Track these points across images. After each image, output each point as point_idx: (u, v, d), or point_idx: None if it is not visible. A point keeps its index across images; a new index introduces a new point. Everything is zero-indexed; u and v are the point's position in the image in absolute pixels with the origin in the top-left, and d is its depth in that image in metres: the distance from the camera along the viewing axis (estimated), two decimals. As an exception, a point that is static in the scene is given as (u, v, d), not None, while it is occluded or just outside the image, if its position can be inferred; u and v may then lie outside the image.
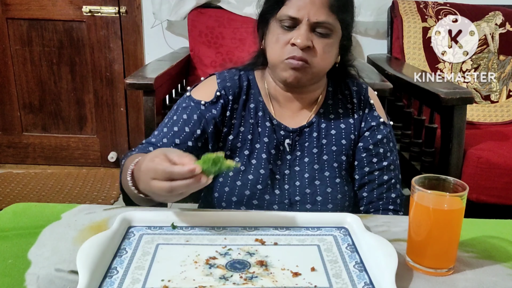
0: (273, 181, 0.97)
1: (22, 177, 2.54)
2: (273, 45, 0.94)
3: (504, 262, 0.70)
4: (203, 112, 0.98)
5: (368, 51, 2.44)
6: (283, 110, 1.01)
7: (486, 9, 2.18)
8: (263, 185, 0.96)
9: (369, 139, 1.00)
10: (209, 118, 0.98)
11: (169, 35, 2.47)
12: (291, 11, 0.91)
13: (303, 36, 0.89)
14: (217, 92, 0.99)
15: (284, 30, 0.92)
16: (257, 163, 0.97)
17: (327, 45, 0.93)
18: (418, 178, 0.69)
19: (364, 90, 1.03)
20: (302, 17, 0.90)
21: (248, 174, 0.97)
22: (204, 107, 0.98)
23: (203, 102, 0.98)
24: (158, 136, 0.98)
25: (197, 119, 0.97)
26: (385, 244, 0.69)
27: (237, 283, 0.62)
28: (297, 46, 0.90)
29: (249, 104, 1.01)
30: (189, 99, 1.00)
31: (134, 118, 2.64)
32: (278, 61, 0.93)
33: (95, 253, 0.65)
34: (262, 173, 0.97)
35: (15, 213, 0.81)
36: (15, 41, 2.51)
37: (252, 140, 0.99)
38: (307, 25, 0.90)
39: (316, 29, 0.91)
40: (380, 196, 0.99)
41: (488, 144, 1.67)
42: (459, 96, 1.48)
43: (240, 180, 0.96)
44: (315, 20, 0.90)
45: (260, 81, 1.03)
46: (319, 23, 0.90)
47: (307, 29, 0.90)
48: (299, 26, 0.91)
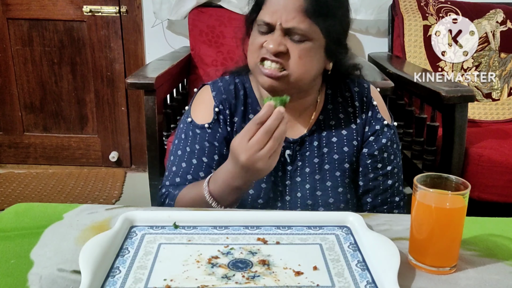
0: (275, 194, 0.96)
1: (23, 177, 2.55)
2: (249, 49, 0.93)
3: (506, 260, 0.70)
4: (211, 136, 0.96)
5: (369, 49, 2.44)
6: None
7: (487, 7, 2.18)
8: (264, 199, 0.95)
9: (374, 145, 0.97)
10: (220, 139, 0.96)
11: (170, 35, 2.47)
12: (266, 16, 0.88)
13: (275, 41, 0.86)
14: (215, 108, 0.97)
15: (260, 35, 0.90)
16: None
17: (303, 50, 0.88)
18: (420, 177, 0.69)
19: (366, 91, 0.99)
20: (275, 22, 0.87)
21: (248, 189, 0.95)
22: (210, 129, 0.96)
23: (206, 125, 0.97)
24: (179, 172, 0.96)
25: (210, 145, 0.96)
26: (387, 242, 0.69)
27: (240, 282, 0.62)
28: (268, 51, 0.87)
29: (248, 114, 0.98)
30: (193, 126, 0.97)
31: (135, 118, 2.64)
32: (253, 64, 0.91)
33: (97, 252, 0.65)
34: (264, 187, 0.95)
35: (17, 213, 0.81)
36: (15, 41, 2.51)
37: None
38: (280, 30, 0.87)
39: (291, 35, 0.88)
40: (384, 202, 0.98)
41: (490, 142, 1.67)
42: (460, 94, 1.48)
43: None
44: (287, 26, 0.86)
45: (256, 89, 1.00)
46: (291, 29, 0.87)
47: (281, 34, 0.87)
48: (274, 31, 0.88)
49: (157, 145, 1.65)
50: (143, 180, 2.10)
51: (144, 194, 1.98)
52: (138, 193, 2.39)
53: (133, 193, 2.43)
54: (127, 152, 2.72)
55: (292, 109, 0.97)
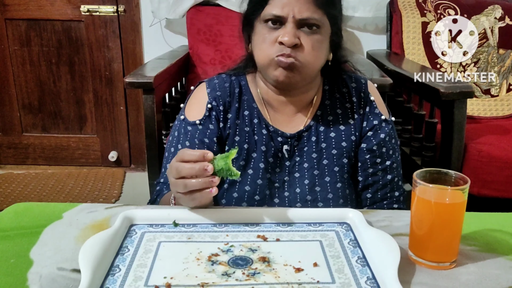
0: (272, 190, 0.95)
1: (22, 178, 2.54)
2: (260, 46, 0.91)
3: (506, 255, 0.70)
4: (202, 133, 0.96)
5: (367, 46, 2.44)
6: (278, 115, 0.98)
7: (485, 3, 2.17)
8: (261, 195, 0.94)
9: (372, 139, 0.97)
10: (210, 136, 0.96)
11: (168, 34, 2.47)
12: (275, 10, 0.88)
13: (290, 34, 0.86)
14: (208, 104, 0.97)
15: (270, 30, 0.89)
16: (254, 174, 0.95)
17: (316, 41, 0.89)
18: (420, 172, 0.69)
19: (364, 86, 1.00)
20: (287, 15, 0.87)
21: (244, 186, 0.95)
22: (201, 125, 0.96)
23: (197, 121, 0.96)
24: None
25: (200, 143, 0.95)
26: (387, 238, 0.69)
27: (240, 279, 0.62)
28: (285, 44, 0.87)
29: (242, 111, 0.98)
30: (185, 123, 0.98)
31: (134, 117, 2.64)
32: (268, 59, 0.90)
33: (97, 251, 0.65)
34: (260, 183, 0.95)
35: (16, 213, 0.81)
36: (13, 42, 2.51)
37: (248, 150, 0.96)
38: (293, 22, 0.87)
39: (303, 26, 0.88)
40: (384, 197, 0.98)
41: (489, 138, 1.67)
42: (459, 90, 1.48)
43: (237, 192, 0.94)
44: (301, 16, 0.87)
45: (253, 86, 1.00)
46: (305, 20, 0.87)
47: (294, 26, 0.87)
48: (285, 24, 0.88)
49: (156, 144, 1.65)
50: (143, 179, 2.10)
51: (143, 193, 1.98)
52: (138, 193, 2.40)
53: (132, 193, 2.43)
54: (126, 152, 2.71)
55: (291, 105, 0.98)
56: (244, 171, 0.95)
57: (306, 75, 0.92)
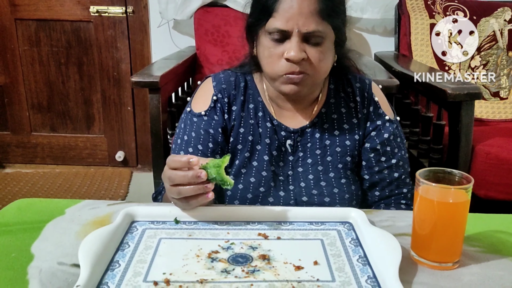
0: (276, 182, 0.96)
1: (30, 177, 2.56)
2: (267, 59, 0.90)
3: (511, 256, 0.69)
4: (207, 123, 0.97)
5: (375, 48, 2.43)
6: (283, 110, 0.99)
7: (494, 5, 2.15)
8: (265, 187, 0.95)
9: (375, 139, 0.98)
10: (215, 126, 0.96)
11: (176, 34, 2.47)
12: (279, 24, 0.85)
13: (296, 49, 0.85)
14: (213, 96, 0.97)
15: (275, 43, 0.88)
16: (259, 165, 0.96)
17: (322, 52, 0.88)
18: (423, 171, 0.68)
19: (368, 87, 1.00)
20: (291, 29, 0.85)
21: (249, 177, 0.95)
22: (206, 117, 0.97)
23: (203, 112, 0.97)
24: None
25: (205, 133, 0.96)
26: (389, 237, 0.68)
27: (239, 276, 0.62)
28: (292, 61, 0.86)
29: (248, 104, 0.99)
30: (191, 115, 0.98)
31: (141, 117, 2.65)
32: (276, 76, 0.89)
33: (97, 246, 0.65)
34: (264, 175, 0.95)
35: (19, 208, 0.82)
36: (23, 42, 2.53)
37: (252, 141, 0.97)
38: (298, 36, 0.85)
39: (309, 39, 0.86)
40: (391, 193, 0.98)
41: (497, 140, 1.65)
42: (466, 92, 1.46)
43: (242, 183, 0.95)
44: (306, 30, 0.85)
45: (259, 83, 1.00)
46: (310, 33, 0.85)
47: (299, 40, 0.85)
48: (290, 38, 0.86)
49: (162, 143, 1.66)
50: (149, 179, 2.10)
51: (150, 193, 1.97)
52: (144, 192, 2.40)
53: (139, 192, 2.44)
54: (133, 152, 2.72)
55: (297, 102, 0.98)
56: (249, 163, 0.96)
57: (314, 84, 0.94)
